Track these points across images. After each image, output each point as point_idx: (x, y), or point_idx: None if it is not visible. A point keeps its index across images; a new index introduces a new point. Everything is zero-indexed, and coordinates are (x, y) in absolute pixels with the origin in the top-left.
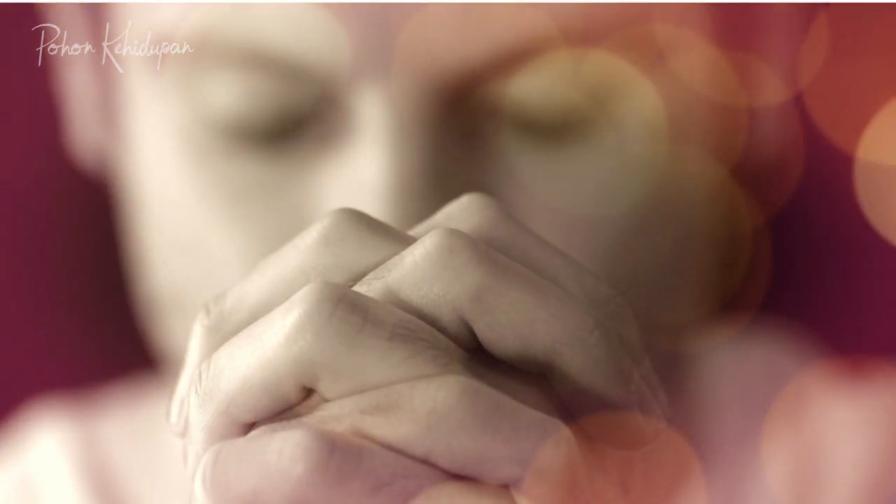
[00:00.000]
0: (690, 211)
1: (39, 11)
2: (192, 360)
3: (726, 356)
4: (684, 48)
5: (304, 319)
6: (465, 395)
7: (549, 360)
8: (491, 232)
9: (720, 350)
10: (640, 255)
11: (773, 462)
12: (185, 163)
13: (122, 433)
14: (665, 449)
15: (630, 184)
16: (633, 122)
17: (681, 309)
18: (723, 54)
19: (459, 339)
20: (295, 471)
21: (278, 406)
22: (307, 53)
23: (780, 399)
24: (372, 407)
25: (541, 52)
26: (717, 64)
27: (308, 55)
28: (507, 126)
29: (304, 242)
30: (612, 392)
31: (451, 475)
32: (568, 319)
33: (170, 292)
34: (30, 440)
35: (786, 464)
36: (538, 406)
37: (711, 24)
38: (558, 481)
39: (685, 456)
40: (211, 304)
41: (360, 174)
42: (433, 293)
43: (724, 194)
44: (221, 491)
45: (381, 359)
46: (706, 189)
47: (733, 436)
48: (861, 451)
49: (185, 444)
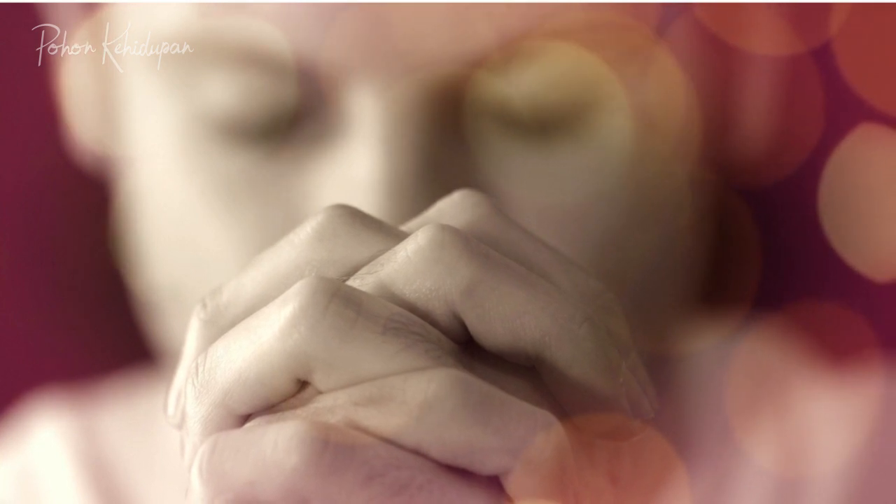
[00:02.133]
0: (676, 206)
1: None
2: (189, 353)
3: (712, 349)
4: (668, 46)
5: (299, 313)
6: (457, 388)
7: (539, 353)
8: (482, 227)
9: (706, 343)
10: (628, 249)
11: (758, 453)
12: (182, 160)
13: (121, 425)
14: (653, 440)
15: (617, 180)
16: (619, 119)
17: (668, 303)
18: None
19: (451, 332)
20: (290, 462)
21: (273, 398)
22: (302, 52)
23: (765, 391)
24: (365, 399)
25: (529, 50)
26: (701, 61)
27: (303, 54)
28: (496, 124)
29: (299, 238)
30: (601, 384)
31: (442, 466)
32: (557, 313)
33: (167, 286)
34: (30, 431)
35: (771, 454)
36: (528, 398)
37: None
38: (547, 472)
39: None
40: (207, 298)
41: (353, 171)
42: (425, 287)
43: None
44: (217, 481)
45: (374, 352)
46: (692, 185)
47: (719, 427)
48: (845, 441)
49: (182, 435)
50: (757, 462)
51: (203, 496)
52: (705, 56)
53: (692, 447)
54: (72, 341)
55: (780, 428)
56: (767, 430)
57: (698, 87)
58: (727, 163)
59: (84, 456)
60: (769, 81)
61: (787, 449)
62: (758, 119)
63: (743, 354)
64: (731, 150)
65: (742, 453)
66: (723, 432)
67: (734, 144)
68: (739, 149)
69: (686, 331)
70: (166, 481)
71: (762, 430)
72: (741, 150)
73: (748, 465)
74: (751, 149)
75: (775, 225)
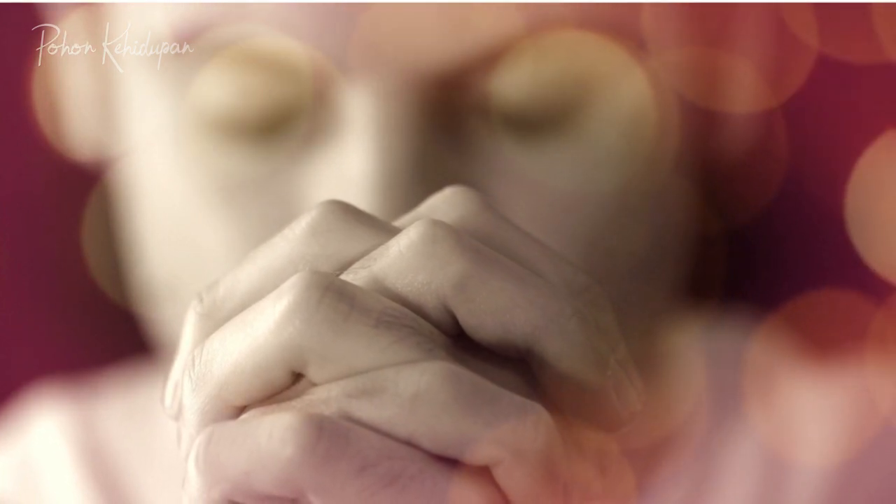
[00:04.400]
0: (663, 202)
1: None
2: (186, 346)
3: (699, 342)
4: (660, 46)
5: (293, 307)
6: (448, 380)
7: (529, 346)
8: (473, 223)
9: (693, 336)
10: (615, 244)
11: (743, 444)
12: (180, 157)
13: (119, 416)
14: (640, 431)
15: (604, 177)
16: (610, 117)
17: (655, 296)
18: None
19: (442, 325)
20: (284, 452)
21: (268, 390)
22: (296, 53)
23: (750, 383)
24: (358, 391)
25: (521, 49)
26: (692, 61)
27: (297, 55)
28: (488, 120)
29: (294, 233)
30: (589, 376)
31: (434, 456)
32: (547, 307)
33: (164, 281)
34: (30, 423)
35: (755, 445)
36: (518, 390)
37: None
38: (537, 462)
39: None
40: (204, 292)
41: (347, 168)
42: (417, 281)
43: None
44: (213, 471)
45: (367, 345)
46: (680, 182)
47: (705, 418)
48: (828, 432)
49: (179, 426)
50: (742, 453)
51: (199, 486)
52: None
53: (677, 436)
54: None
55: (764, 420)
56: (753, 422)
57: (684, 87)
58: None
59: (83, 447)
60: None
61: (771, 441)
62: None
63: (728, 348)
64: (715, 148)
65: (728, 445)
66: (707, 422)
67: (719, 142)
68: (724, 146)
69: (673, 324)
70: (163, 471)
71: (747, 423)
72: (726, 147)
73: (734, 457)
74: (736, 146)
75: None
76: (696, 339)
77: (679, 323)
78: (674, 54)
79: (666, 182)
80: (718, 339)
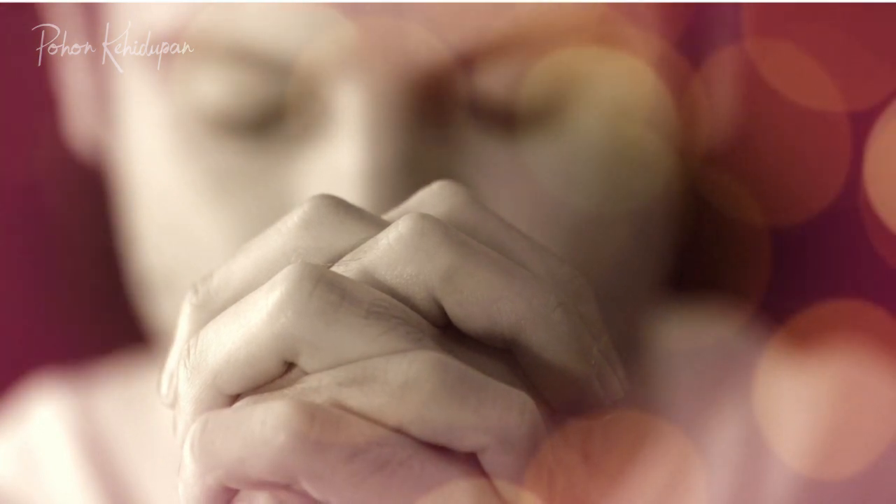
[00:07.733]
0: (647, 196)
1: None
2: (181, 336)
3: (680, 332)
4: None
5: (286, 298)
6: (436, 369)
7: (515, 336)
8: (460, 216)
9: (675, 326)
10: (600, 237)
11: (723, 434)
12: (175, 152)
13: (116, 405)
14: (623, 419)
15: (589, 171)
16: (594, 113)
17: (638, 288)
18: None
19: (431, 316)
20: (277, 439)
21: (261, 379)
22: (289, 51)
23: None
24: (349, 380)
25: (506, 47)
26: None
27: (290, 53)
28: (474, 117)
29: (286, 226)
30: (573, 365)
31: (422, 443)
32: (532, 298)
33: (160, 273)
34: (30, 412)
35: (735, 436)
36: (504, 379)
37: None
38: (522, 449)
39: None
40: (199, 284)
41: (337, 163)
42: (406, 273)
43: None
44: (208, 458)
45: (357, 335)
46: (662, 176)
47: (686, 407)
48: (807, 422)
49: (175, 414)
50: (722, 443)
51: (194, 472)
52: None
53: (660, 426)
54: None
55: (744, 410)
56: (732, 413)
57: (669, 82)
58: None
59: (82, 434)
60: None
61: (750, 429)
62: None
63: (710, 339)
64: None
65: (708, 432)
66: (688, 410)
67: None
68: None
69: (656, 315)
70: (160, 458)
71: (727, 412)
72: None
73: (713, 446)
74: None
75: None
76: (678, 329)
77: (662, 314)
78: (656, 50)
79: (651, 175)
80: (700, 329)
